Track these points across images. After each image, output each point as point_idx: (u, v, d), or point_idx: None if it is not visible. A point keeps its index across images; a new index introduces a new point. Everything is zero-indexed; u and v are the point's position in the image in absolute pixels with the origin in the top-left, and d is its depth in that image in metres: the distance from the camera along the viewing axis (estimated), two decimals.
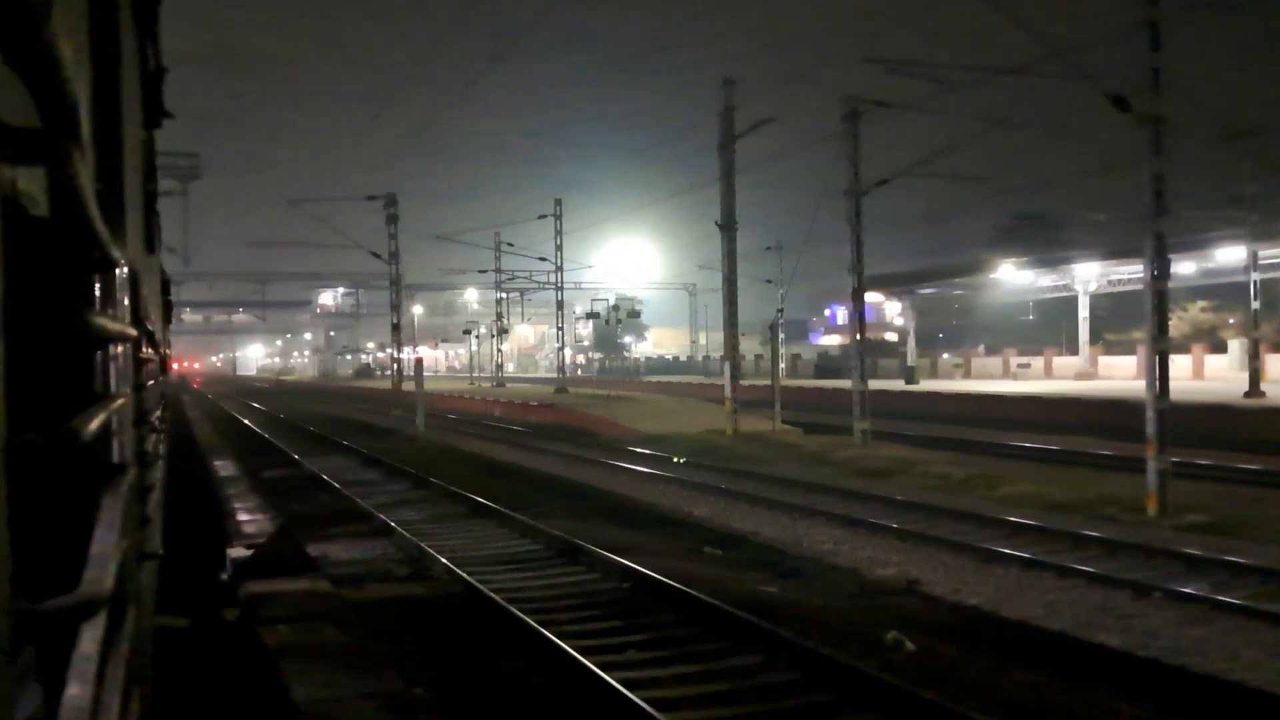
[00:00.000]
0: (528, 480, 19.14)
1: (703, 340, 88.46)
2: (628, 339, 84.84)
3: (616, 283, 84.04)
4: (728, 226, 24.26)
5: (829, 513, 14.62)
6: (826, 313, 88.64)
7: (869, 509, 14.98)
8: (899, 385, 43.57)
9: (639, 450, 23.82)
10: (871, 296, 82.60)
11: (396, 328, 37.73)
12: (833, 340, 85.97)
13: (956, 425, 29.31)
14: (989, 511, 14.22)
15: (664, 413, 30.61)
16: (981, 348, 63.07)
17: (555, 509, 15.29)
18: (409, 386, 33.45)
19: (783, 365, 60.20)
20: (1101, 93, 13.70)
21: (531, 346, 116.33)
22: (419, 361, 30.00)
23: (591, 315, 38.03)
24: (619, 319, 36.03)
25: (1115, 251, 43.04)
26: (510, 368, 59.54)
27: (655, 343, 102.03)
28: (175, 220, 42.31)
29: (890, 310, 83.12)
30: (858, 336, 22.30)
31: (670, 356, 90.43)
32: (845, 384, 47.97)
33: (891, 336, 73.18)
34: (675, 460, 22.00)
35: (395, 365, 38.45)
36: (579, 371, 76.39)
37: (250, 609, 8.06)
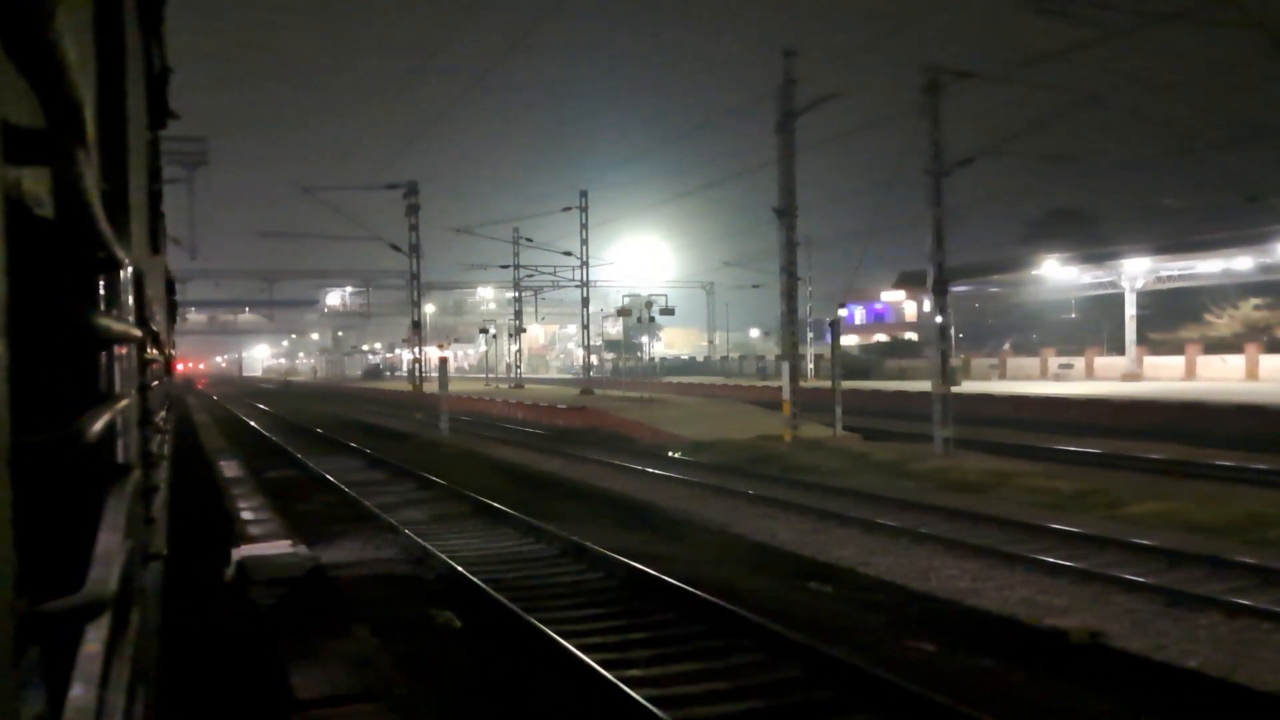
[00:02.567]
0: (576, 495, 17.09)
1: (718, 340, 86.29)
2: (643, 339, 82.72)
3: (632, 281, 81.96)
4: (785, 212, 22.08)
5: (943, 538, 12.54)
6: (844, 312, 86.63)
7: (988, 534, 12.92)
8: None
9: (689, 460, 21.79)
10: (890, 295, 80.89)
11: (418, 325, 35.64)
12: (851, 340, 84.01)
13: (1018, 430, 27.25)
14: (1129, 536, 12.18)
15: (704, 416, 28.51)
16: (1007, 346, 60.89)
17: (616, 530, 13.41)
18: (429, 388, 31.34)
19: (810, 365, 58.37)
20: (1273, 42, 11.65)
21: (542, 346, 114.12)
22: (443, 361, 27.86)
23: (623, 313, 35.92)
24: (651, 317, 33.94)
25: (1168, 246, 40.93)
26: (521, 368, 57.52)
27: (667, 343, 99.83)
28: (181, 210, 40.31)
29: (909, 309, 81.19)
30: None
31: (686, 356, 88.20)
32: (880, 385, 46.32)
33: (912, 336, 71.24)
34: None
35: (417, 365, 36.31)
36: (591, 373, 74.22)
37: None
